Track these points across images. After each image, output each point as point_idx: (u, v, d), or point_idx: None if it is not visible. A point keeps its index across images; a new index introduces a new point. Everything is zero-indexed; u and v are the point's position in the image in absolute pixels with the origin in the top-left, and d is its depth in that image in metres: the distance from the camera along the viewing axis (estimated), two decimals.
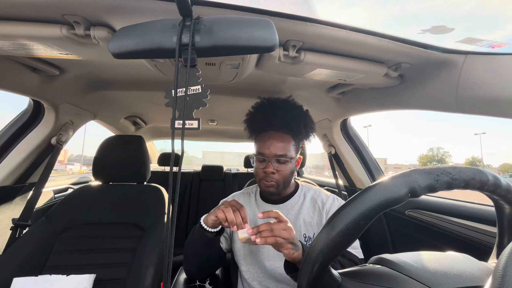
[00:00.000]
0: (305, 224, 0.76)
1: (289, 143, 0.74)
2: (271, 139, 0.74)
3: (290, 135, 0.75)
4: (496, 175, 0.35)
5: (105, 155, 1.10)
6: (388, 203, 0.31)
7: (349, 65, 0.71)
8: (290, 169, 0.75)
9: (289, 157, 0.74)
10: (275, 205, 0.80)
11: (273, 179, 0.74)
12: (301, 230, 0.75)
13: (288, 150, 0.74)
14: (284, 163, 0.73)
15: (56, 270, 0.85)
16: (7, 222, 1.00)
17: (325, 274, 0.33)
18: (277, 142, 0.74)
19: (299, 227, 0.75)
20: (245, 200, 0.85)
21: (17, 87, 0.86)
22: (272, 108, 0.78)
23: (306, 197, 0.81)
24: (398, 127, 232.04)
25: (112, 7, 0.51)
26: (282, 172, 0.74)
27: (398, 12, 23.19)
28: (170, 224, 0.38)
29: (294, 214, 0.77)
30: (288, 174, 0.75)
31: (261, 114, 0.79)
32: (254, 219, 0.80)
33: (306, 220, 0.76)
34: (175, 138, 0.40)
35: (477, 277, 0.33)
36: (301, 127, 0.76)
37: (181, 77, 0.41)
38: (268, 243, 0.54)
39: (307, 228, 0.75)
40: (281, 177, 0.74)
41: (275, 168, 0.73)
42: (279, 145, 0.73)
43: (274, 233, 0.54)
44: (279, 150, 0.73)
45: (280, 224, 0.56)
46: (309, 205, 0.79)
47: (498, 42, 0.58)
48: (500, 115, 0.61)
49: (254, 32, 0.41)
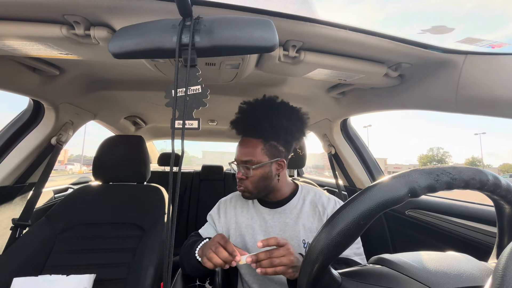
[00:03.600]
0: (304, 230, 0.73)
1: (257, 148, 0.72)
2: (240, 145, 0.75)
3: (260, 138, 0.72)
4: (496, 175, 0.35)
5: (105, 155, 1.10)
6: (388, 203, 0.31)
7: (349, 65, 0.71)
8: (260, 175, 0.72)
9: (255, 163, 0.71)
10: (272, 209, 0.78)
11: (242, 184, 0.74)
12: (300, 235, 0.72)
13: (254, 155, 0.71)
14: (250, 169, 0.71)
15: (56, 270, 0.85)
16: (7, 222, 1.00)
17: (325, 274, 0.33)
18: (243, 147, 0.73)
19: (298, 232, 0.73)
20: (242, 204, 0.84)
21: (17, 87, 0.86)
22: (246, 113, 0.77)
23: (306, 200, 0.78)
24: (398, 127, 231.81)
25: (112, 7, 0.51)
26: (251, 178, 0.72)
27: (399, 11, 23.04)
28: (170, 224, 0.38)
29: (293, 219, 0.75)
30: (257, 180, 0.72)
31: (237, 119, 0.78)
32: (252, 223, 0.78)
33: (306, 225, 0.74)
34: (175, 138, 0.40)
35: (477, 277, 0.33)
36: (275, 128, 0.71)
37: (181, 77, 0.41)
38: (268, 273, 0.54)
39: (307, 234, 0.72)
40: (251, 182, 0.72)
41: (243, 174, 0.72)
42: (244, 151, 0.73)
43: (274, 262, 0.53)
44: (244, 156, 0.72)
45: (279, 250, 0.55)
46: (309, 209, 0.76)
47: (498, 42, 0.58)
48: (500, 115, 0.61)
49: (254, 32, 0.41)
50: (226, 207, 0.85)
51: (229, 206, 0.84)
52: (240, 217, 0.80)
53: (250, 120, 0.74)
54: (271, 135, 0.72)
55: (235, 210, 0.83)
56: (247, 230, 0.77)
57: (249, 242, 0.76)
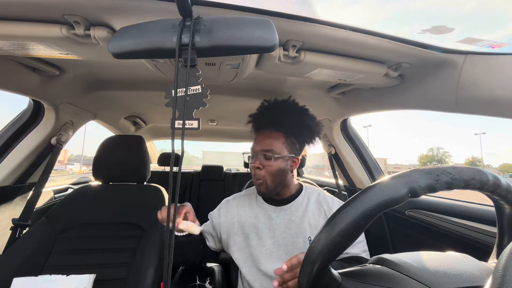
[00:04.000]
0: (310, 227, 0.75)
1: (278, 140, 0.75)
2: (261, 136, 0.77)
3: (282, 132, 0.76)
4: (496, 175, 0.35)
5: (105, 155, 1.10)
6: (388, 203, 0.31)
7: (349, 65, 0.71)
8: (278, 166, 0.74)
9: (276, 153, 0.73)
10: (278, 207, 0.79)
11: (260, 175, 0.74)
12: (306, 233, 0.74)
13: (276, 146, 0.74)
14: (269, 159, 0.73)
15: (56, 270, 0.85)
16: (7, 222, 1.00)
17: (325, 274, 0.33)
18: (265, 138, 0.75)
19: (304, 229, 0.74)
20: (245, 202, 0.85)
21: (17, 87, 0.86)
22: (268, 108, 0.81)
23: (311, 199, 0.80)
24: (398, 127, 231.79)
25: (112, 7, 0.51)
26: (268, 168, 0.73)
27: (399, 11, 22.94)
28: (170, 224, 0.38)
29: (299, 216, 0.77)
30: (275, 171, 0.74)
31: (258, 114, 0.82)
32: (255, 222, 0.78)
33: (312, 223, 0.75)
34: (175, 138, 0.40)
35: (477, 277, 0.33)
36: (297, 126, 0.76)
37: (181, 77, 0.41)
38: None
39: (313, 231, 0.74)
40: (267, 173, 0.74)
41: (261, 163, 0.74)
42: (266, 141, 0.75)
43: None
44: (266, 146, 0.74)
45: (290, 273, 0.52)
46: (315, 207, 0.78)
47: (498, 42, 0.58)
48: (500, 115, 0.61)
49: (254, 32, 0.41)
50: (228, 207, 0.85)
51: (231, 206, 0.85)
52: (243, 216, 0.81)
53: (276, 114, 0.77)
54: (292, 132, 0.76)
55: (237, 210, 0.83)
56: (251, 229, 0.78)
57: (253, 240, 0.76)
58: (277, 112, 0.77)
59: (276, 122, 0.77)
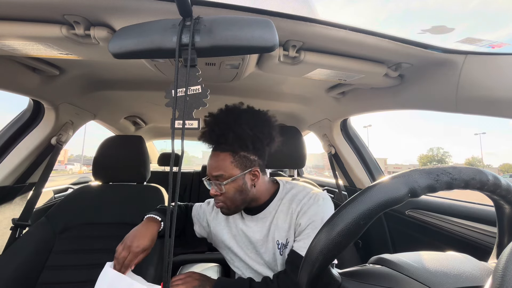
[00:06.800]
0: (278, 230, 0.71)
1: (225, 161, 0.67)
2: (210, 159, 0.71)
3: (227, 152, 0.68)
4: (496, 175, 0.35)
5: (105, 155, 1.10)
6: (388, 203, 0.31)
7: (349, 65, 0.71)
8: (234, 189, 0.68)
9: (226, 177, 0.66)
10: (255, 215, 0.75)
11: (219, 200, 0.69)
12: (275, 236, 0.71)
13: (225, 169, 0.67)
14: (222, 185, 0.67)
15: (56, 270, 0.85)
16: (7, 222, 1.00)
17: (325, 274, 0.33)
18: (213, 162, 0.69)
19: (273, 233, 0.71)
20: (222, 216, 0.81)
21: (17, 87, 0.86)
22: (211, 126, 0.70)
23: (284, 199, 0.74)
24: (398, 127, 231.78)
25: (112, 7, 0.51)
26: (224, 194, 0.68)
27: (400, 9, 22.90)
28: (170, 224, 0.38)
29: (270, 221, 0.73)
30: (232, 195, 0.68)
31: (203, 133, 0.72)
32: (236, 231, 0.77)
33: (279, 225, 0.71)
34: (175, 138, 0.40)
35: (477, 277, 0.33)
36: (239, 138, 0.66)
37: (181, 77, 0.41)
38: None
39: (280, 234, 0.71)
40: (226, 198, 0.68)
41: (217, 190, 0.68)
42: (214, 166, 0.68)
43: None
44: (215, 171, 0.68)
45: None
46: (285, 208, 0.72)
47: (498, 42, 0.58)
48: (500, 115, 0.61)
49: (254, 32, 0.41)
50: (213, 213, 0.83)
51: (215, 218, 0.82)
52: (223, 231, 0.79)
53: (215, 134, 0.69)
54: (238, 147, 0.67)
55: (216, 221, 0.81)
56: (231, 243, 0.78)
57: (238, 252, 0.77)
58: (217, 130, 0.68)
59: (217, 142, 0.70)
